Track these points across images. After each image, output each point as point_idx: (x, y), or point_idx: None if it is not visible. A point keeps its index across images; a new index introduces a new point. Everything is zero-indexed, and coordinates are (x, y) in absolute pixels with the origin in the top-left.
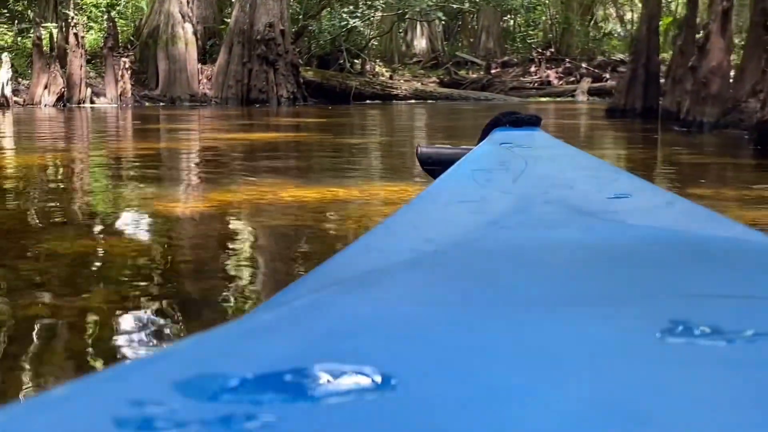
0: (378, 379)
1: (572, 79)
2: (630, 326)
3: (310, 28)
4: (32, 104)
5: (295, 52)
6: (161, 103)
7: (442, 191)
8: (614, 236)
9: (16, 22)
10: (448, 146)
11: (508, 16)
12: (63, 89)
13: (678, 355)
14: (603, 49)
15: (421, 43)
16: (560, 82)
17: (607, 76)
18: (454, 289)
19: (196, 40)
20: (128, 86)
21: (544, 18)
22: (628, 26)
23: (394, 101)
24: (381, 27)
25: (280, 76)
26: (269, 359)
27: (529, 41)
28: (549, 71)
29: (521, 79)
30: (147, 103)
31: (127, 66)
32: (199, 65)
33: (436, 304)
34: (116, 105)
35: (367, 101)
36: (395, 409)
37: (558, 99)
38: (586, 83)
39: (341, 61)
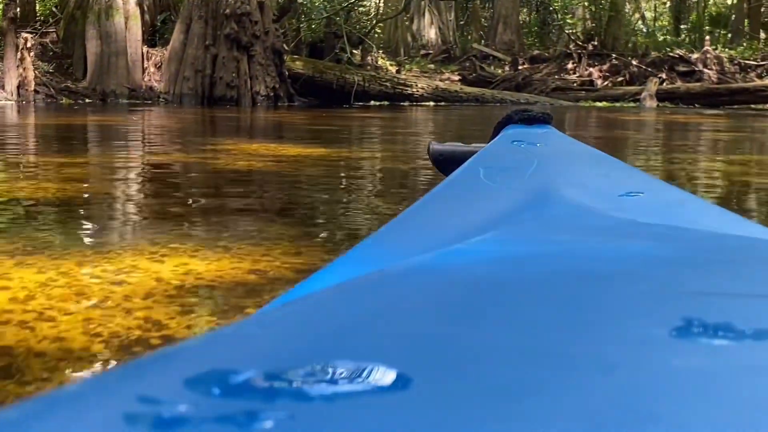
0: (395, 377)
1: (620, 78)
2: (646, 326)
3: (299, 2)
4: None
5: (278, 34)
6: (87, 100)
7: (453, 189)
8: (626, 234)
9: None
10: (460, 144)
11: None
12: None
13: (692, 355)
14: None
15: (429, 33)
16: (605, 83)
17: (663, 76)
18: (465, 287)
19: (142, 13)
20: (30, 74)
21: (586, 3)
22: (650, 23)
23: (406, 102)
24: (387, 11)
25: (256, 66)
26: (283, 356)
27: (567, 32)
28: (591, 69)
29: (565, 77)
30: (64, 100)
31: (29, 45)
32: (145, 48)
33: (450, 302)
34: (15, 101)
35: (372, 102)
36: (411, 407)
37: (617, 104)
38: (653, 85)
39: (339, 50)
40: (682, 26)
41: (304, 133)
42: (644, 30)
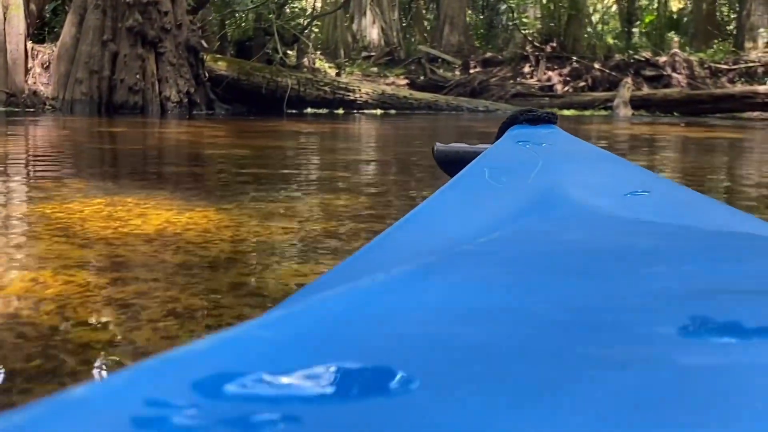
0: (404, 380)
1: (582, 83)
2: (653, 325)
3: None
4: None
5: (193, 28)
6: None
7: (458, 189)
8: (633, 233)
9: None
10: (465, 144)
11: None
12: None
13: (701, 354)
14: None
15: (371, 34)
16: (566, 87)
17: (629, 81)
18: (470, 289)
19: (26, 2)
20: None
21: (544, 1)
22: (599, 26)
23: (348, 110)
24: (324, 7)
25: (166, 66)
26: (290, 358)
27: (524, 32)
28: (550, 73)
29: (523, 82)
30: None
31: None
32: (30, 44)
33: (456, 303)
34: None
35: (309, 109)
36: (419, 410)
37: (587, 112)
38: (627, 90)
39: (270, 50)
40: (634, 30)
41: (203, 166)
42: (591, 32)
